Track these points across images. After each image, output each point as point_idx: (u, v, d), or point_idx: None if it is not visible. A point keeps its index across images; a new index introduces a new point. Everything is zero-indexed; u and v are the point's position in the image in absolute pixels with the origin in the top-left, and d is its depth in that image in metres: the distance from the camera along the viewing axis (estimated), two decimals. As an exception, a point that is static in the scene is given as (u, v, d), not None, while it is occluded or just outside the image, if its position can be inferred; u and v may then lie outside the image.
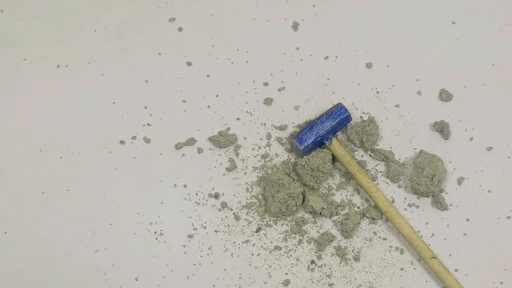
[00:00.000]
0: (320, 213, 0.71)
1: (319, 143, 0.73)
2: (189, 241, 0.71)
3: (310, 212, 0.72)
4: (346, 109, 0.73)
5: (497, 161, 0.74)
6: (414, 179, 0.72)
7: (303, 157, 0.73)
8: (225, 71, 0.81)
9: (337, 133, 0.76)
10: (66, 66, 0.81)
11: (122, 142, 0.76)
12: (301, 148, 0.72)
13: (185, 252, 0.71)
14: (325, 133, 0.73)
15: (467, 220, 0.72)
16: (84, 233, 0.72)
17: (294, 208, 0.71)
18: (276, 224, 0.72)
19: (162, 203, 0.73)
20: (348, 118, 0.74)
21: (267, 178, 0.72)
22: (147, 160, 0.75)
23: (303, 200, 0.72)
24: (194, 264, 0.70)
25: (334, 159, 0.74)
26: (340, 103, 0.74)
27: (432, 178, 0.71)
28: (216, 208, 0.73)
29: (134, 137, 0.76)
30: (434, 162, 0.71)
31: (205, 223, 0.72)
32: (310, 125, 0.73)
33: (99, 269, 0.70)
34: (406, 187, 0.74)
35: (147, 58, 0.81)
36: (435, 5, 0.84)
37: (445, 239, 0.71)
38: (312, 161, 0.71)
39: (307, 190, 0.73)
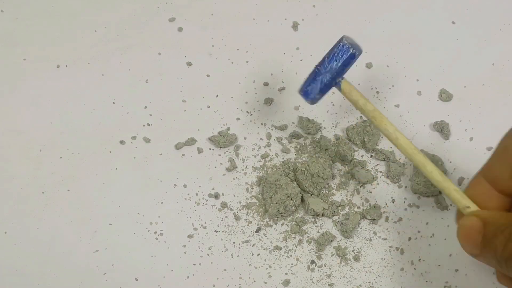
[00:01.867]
0: (322, 214, 0.71)
1: (328, 89, 0.64)
2: (189, 241, 0.71)
3: (312, 215, 0.72)
4: (348, 46, 0.62)
5: (497, 161, 0.74)
6: (414, 179, 0.72)
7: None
8: (225, 71, 0.81)
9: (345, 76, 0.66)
10: (66, 66, 0.81)
11: (122, 142, 0.76)
12: (308, 101, 0.65)
13: (185, 252, 0.71)
14: (331, 79, 0.63)
15: (467, 220, 0.72)
16: (84, 233, 0.72)
17: (293, 208, 0.71)
18: (276, 224, 0.72)
19: (162, 203, 0.73)
20: (353, 56, 0.62)
21: (264, 180, 0.72)
22: (147, 160, 0.75)
23: (302, 200, 0.72)
24: (194, 264, 0.70)
25: (337, 158, 0.74)
26: (342, 38, 0.63)
27: (432, 178, 0.71)
28: (216, 208, 0.73)
29: (134, 137, 0.76)
30: (434, 162, 0.71)
31: (205, 223, 0.72)
32: (313, 74, 0.64)
33: (99, 269, 0.70)
34: (406, 187, 0.74)
35: (147, 58, 0.81)
36: (435, 5, 0.84)
37: (445, 239, 0.71)
38: (312, 167, 0.71)
39: (306, 193, 0.73)
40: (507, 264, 0.44)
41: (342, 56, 0.63)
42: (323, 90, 0.65)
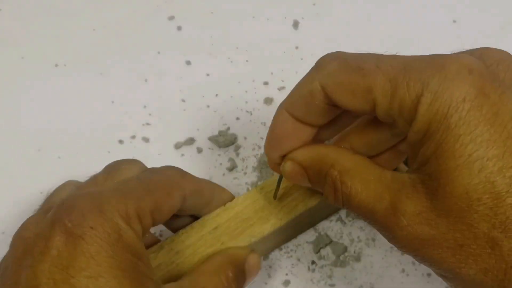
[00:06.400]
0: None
1: None
2: (188, 241, 0.71)
3: None
4: None
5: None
6: (415, 179, 0.71)
7: None
8: (225, 70, 0.80)
9: None
10: (65, 65, 0.81)
11: (121, 141, 0.76)
12: None
13: (184, 253, 0.70)
14: None
15: (469, 220, 0.71)
16: (83, 233, 0.71)
17: None
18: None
19: (161, 203, 0.73)
20: None
21: None
22: (146, 160, 0.75)
23: None
24: (194, 265, 0.70)
25: None
26: None
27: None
28: (216, 208, 0.72)
29: (133, 137, 0.76)
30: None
31: (205, 223, 0.72)
32: None
33: (98, 270, 0.69)
34: (407, 187, 0.73)
35: (146, 57, 0.81)
36: (435, 3, 0.84)
37: (446, 239, 0.70)
38: None
39: None
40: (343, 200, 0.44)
41: None
42: None
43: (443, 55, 0.41)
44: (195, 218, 0.60)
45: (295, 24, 0.82)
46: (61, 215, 0.41)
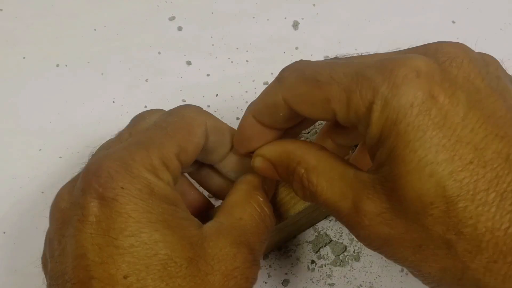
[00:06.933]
0: None
1: None
2: (189, 241, 0.71)
3: None
4: None
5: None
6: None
7: None
8: (225, 70, 0.80)
9: None
10: (66, 65, 0.81)
11: (122, 141, 0.76)
12: None
13: (185, 252, 0.70)
14: None
15: (467, 220, 0.72)
16: (84, 233, 0.71)
17: None
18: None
19: (162, 203, 0.73)
20: None
21: None
22: (147, 160, 0.75)
23: None
24: (194, 264, 0.70)
25: None
26: None
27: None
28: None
29: (134, 137, 0.76)
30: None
31: (205, 223, 0.72)
32: None
33: (99, 269, 0.70)
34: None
35: (147, 57, 0.81)
36: (435, 4, 0.84)
37: (445, 239, 0.71)
38: None
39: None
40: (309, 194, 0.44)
41: None
42: None
43: (394, 56, 0.40)
44: (215, 171, 0.57)
45: (295, 25, 0.83)
46: (89, 181, 0.40)
